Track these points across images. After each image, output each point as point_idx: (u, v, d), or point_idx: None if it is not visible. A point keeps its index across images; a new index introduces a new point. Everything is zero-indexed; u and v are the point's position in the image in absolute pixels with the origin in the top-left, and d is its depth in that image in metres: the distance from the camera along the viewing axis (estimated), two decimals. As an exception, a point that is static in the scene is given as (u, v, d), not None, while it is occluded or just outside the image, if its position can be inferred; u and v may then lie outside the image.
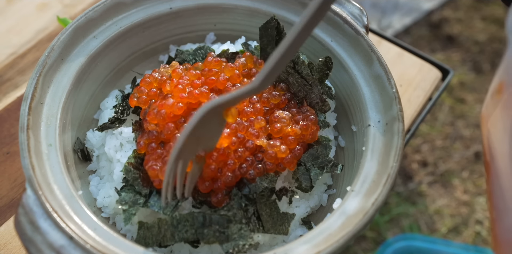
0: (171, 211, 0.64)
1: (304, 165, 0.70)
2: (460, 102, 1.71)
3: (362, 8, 0.77)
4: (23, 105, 0.66)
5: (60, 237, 0.56)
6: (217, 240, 0.62)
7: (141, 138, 0.69)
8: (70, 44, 0.73)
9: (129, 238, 0.70)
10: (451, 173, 1.56)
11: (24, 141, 0.63)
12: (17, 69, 0.97)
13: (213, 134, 0.62)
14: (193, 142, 0.60)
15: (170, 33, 0.84)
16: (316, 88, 0.73)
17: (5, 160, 0.86)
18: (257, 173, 0.66)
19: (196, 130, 0.58)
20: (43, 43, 1.01)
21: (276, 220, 0.66)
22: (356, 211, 0.61)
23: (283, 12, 0.79)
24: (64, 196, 0.61)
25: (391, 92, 0.69)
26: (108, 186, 0.71)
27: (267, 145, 0.67)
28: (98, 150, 0.75)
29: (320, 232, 0.60)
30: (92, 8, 0.74)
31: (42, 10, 1.05)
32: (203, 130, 0.59)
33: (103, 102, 0.79)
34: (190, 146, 0.60)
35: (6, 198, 0.82)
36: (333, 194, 0.76)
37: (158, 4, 0.79)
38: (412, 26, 1.86)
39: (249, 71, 0.74)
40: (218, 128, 0.62)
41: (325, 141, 0.72)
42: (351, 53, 0.75)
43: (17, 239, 0.78)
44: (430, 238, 1.27)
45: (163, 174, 0.64)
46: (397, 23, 1.84)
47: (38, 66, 0.69)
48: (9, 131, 0.89)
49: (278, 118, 0.69)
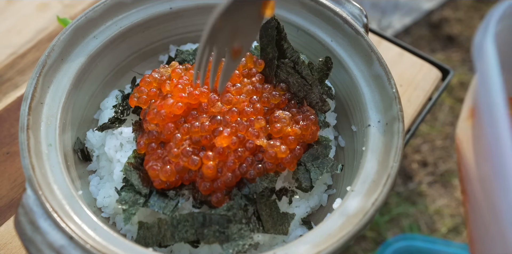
0: (171, 211, 0.64)
1: (304, 165, 0.70)
2: (460, 102, 1.71)
3: (362, 8, 0.77)
4: (23, 105, 0.66)
5: (60, 237, 0.56)
6: (217, 240, 0.62)
7: (141, 138, 0.69)
8: (70, 44, 0.73)
9: (129, 238, 0.70)
10: (451, 173, 1.56)
11: (24, 141, 0.63)
12: (17, 69, 0.97)
13: (250, 28, 0.59)
14: (227, 28, 0.56)
15: (170, 33, 0.84)
16: (316, 88, 0.73)
17: (5, 160, 0.86)
18: (257, 173, 0.66)
19: (231, 12, 0.54)
20: (43, 43, 1.01)
21: (276, 220, 0.66)
22: (356, 211, 0.61)
23: (283, 12, 0.79)
24: (64, 196, 0.61)
25: (391, 92, 0.69)
26: (108, 186, 0.71)
27: (267, 145, 0.67)
28: (98, 150, 0.75)
29: (320, 232, 0.60)
30: (92, 8, 0.74)
31: (42, 10, 1.05)
32: (238, 16, 0.56)
33: (103, 102, 0.79)
34: (225, 32, 0.57)
35: (6, 198, 0.82)
36: (333, 194, 0.76)
37: (158, 4, 0.79)
38: (412, 26, 1.86)
39: (249, 71, 0.74)
40: (255, 23, 0.59)
41: (325, 141, 0.72)
42: (351, 53, 0.75)
43: (17, 239, 0.78)
44: (430, 238, 1.27)
45: (163, 174, 0.64)
46: (397, 23, 1.84)
47: (38, 66, 0.69)
48: (9, 130, 0.89)
49: (278, 118, 0.69)
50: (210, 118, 0.67)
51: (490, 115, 0.47)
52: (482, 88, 0.49)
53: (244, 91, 0.71)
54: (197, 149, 0.66)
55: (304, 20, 0.78)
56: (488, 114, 0.48)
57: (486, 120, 0.48)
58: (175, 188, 0.67)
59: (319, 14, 0.77)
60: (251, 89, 0.71)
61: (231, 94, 0.70)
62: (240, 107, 0.69)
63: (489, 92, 0.48)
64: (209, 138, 0.66)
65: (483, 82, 0.49)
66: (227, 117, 0.68)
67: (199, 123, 0.67)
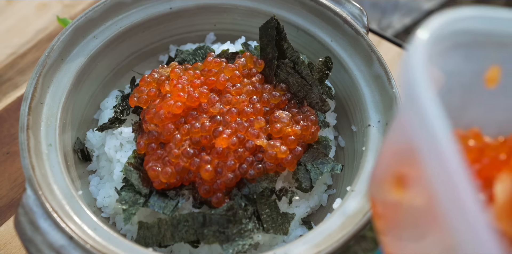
0: (171, 211, 0.64)
1: (304, 165, 0.70)
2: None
3: (362, 8, 0.77)
4: (23, 105, 0.66)
5: (60, 237, 0.56)
6: (217, 240, 0.62)
7: (141, 138, 0.69)
8: (70, 44, 0.73)
9: (129, 238, 0.70)
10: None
11: (24, 141, 0.63)
12: (17, 69, 0.97)
13: None
14: None
15: (170, 33, 0.84)
16: (316, 88, 0.73)
17: (5, 160, 0.86)
18: (257, 173, 0.66)
19: None
20: (43, 43, 1.01)
21: (276, 220, 0.66)
22: (356, 211, 0.61)
23: (283, 12, 0.79)
24: (64, 196, 0.61)
25: (391, 92, 0.69)
26: (108, 186, 0.71)
27: (267, 145, 0.67)
28: (98, 150, 0.75)
29: (320, 232, 0.60)
30: (92, 8, 0.74)
31: (42, 10, 1.05)
32: None
33: (103, 102, 0.79)
34: None
35: (6, 198, 0.82)
36: (333, 194, 0.76)
37: (158, 4, 0.79)
38: (412, 26, 1.86)
39: (249, 71, 0.74)
40: None
41: (325, 141, 0.72)
42: (351, 53, 0.75)
43: (17, 239, 0.78)
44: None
45: (163, 176, 0.64)
46: (397, 23, 1.84)
47: (38, 66, 0.69)
48: (9, 130, 0.89)
49: (278, 118, 0.69)
50: (210, 118, 0.67)
51: (437, 168, 0.33)
52: (417, 129, 0.34)
53: (244, 92, 0.71)
54: (197, 149, 0.66)
55: (304, 20, 0.78)
56: (434, 167, 0.33)
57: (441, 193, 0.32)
58: (175, 188, 0.67)
59: (319, 14, 0.77)
60: (251, 90, 0.71)
61: (230, 95, 0.70)
62: (240, 108, 0.69)
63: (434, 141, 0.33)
64: (209, 138, 0.66)
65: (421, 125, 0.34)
66: (227, 117, 0.68)
67: (200, 124, 0.67)
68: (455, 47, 0.41)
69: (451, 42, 0.41)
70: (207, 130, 0.66)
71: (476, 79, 0.45)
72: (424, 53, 0.36)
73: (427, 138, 0.34)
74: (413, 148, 0.36)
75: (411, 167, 0.38)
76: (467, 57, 0.43)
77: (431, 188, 0.33)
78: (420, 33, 0.38)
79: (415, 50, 0.37)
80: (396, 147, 0.41)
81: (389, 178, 0.42)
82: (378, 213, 0.45)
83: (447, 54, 0.41)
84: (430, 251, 0.37)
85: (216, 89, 0.72)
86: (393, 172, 0.42)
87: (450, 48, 0.41)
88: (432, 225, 0.35)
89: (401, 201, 0.41)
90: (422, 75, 0.35)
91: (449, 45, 0.41)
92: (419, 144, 0.35)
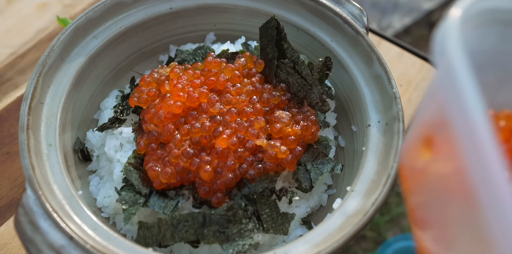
0: (171, 211, 0.64)
1: (304, 165, 0.70)
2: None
3: (362, 8, 0.77)
4: (23, 105, 0.66)
5: (60, 237, 0.56)
6: (217, 240, 0.62)
7: (141, 138, 0.69)
8: (70, 44, 0.73)
9: (129, 238, 0.70)
10: (451, 173, 1.56)
11: (24, 141, 0.63)
12: (17, 69, 0.97)
13: None
14: None
15: (170, 33, 0.84)
16: (316, 88, 0.73)
17: (5, 160, 0.86)
18: (257, 173, 0.66)
19: None
20: (43, 43, 1.01)
21: (276, 220, 0.66)
22: (356, 211, 0.61)
23: (283, 12, 0.79)
24: (64, 196, 0.61)
25: (391, 92, 0.69)
26: (108, 186, 0.71)
27: (267, 145, 0.67)
28: (98, 150, 0.75)
29: (320, 232, 0.60)
30: (92, 8, 0.74)
31: (42, 10, 1.05)
32: None
33: (103, 102, 0.80)
34: None
35: (6, 198, 0.82)
36: (333, 194, 0.76)
37: (158, 4, 0.79)
38: (412, 26, 1.86)
39: (249, 71, 0.74)
40: None
41: (325, 141, 0.72)
42: (351, 53, 0.75)
43: (17, 239, 0.78)
44: (430, 238, 1.26)
45: (163, 176, 0.64)
46: (397, 23, 1.84)
47: (38, 66, 0.69)
48: (9, 130, 0.89)
49: (278, 118, 0.69)
50: (210, 118, 0.67)
51: (470, 143, 0.34)
52: (452, 104, 0.36)
53: (244, 92, 0.71)
54: (197, 149, 0.66)
55: (304, 20, 0.78)
56: (467, 141, 0.34)
57: (465, 150, 0.34)
58: (175, 188, 0.67)
59: (319, 14, 0.77)
60: (251, 90, 0.71)
61: (230, 95, 0.70)
62: (240, 108, 0.69)
63: (463, 109, 0.34)
64: (209, 138, 0.66)
65: (452, 95, 0.35)
66: (227, 117, 0.68)
67: (199, 124, 0.67)
68: (491, 26, 0.41)
69: (486, 20, 0.41)
70: (207, 130, 0.66)
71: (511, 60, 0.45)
72: (460, 29, 0.37)
73: (461, 113, 0.35)
74: (446, 119, 0.37)
75: (442, 131, 0.39)
76: (503, 37, 0.43)
77: (461, 159, 0.35)
78: (454, 10, 0.38)
79: (450, 25, 0.37)
80: (428, 114, 0.43)
81: (419, 140, 0.44)
82: (405, 176, 0.47)
83: (482, 33, 0.41)
84: (452, 215, 0.38)
85: (216, 89, 0.72)
86: (424, 134, 0.43)
87: (485, 26, 0.41)
88: (457, 191, 0.37)
89: (428, 167, 0.42)
90: (458, 49, 0.36)
91: (483, 23, 0.41)
92: (452, 117, 0.36)
